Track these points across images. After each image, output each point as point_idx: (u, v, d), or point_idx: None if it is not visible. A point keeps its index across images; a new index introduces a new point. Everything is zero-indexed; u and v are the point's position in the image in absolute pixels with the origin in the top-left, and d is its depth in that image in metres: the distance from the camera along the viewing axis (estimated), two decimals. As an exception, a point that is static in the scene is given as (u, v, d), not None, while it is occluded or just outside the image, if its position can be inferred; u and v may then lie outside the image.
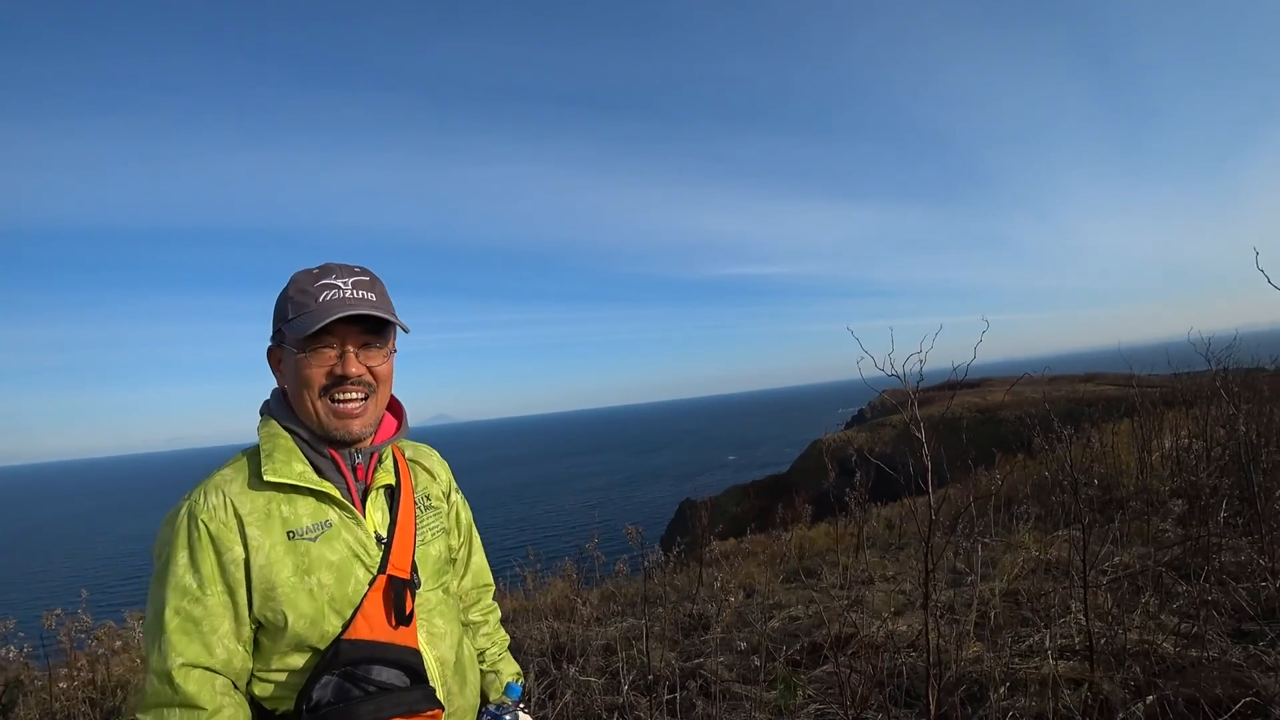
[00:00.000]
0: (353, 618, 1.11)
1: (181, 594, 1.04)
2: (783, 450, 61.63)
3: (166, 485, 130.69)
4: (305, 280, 1.13)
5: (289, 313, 1.12)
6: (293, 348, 1.11)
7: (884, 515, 7.52)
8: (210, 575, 1.05)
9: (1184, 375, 7.13)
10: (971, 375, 2.52)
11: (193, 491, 1.09)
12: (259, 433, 1.17)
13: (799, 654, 3.53)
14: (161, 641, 1.02)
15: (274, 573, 1.07)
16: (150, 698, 1.03)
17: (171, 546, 1.06)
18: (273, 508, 1.10)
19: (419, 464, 1.36)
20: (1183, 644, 2.82)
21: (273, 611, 1.07)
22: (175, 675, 1.01)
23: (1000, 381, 24.55)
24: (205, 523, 1.06)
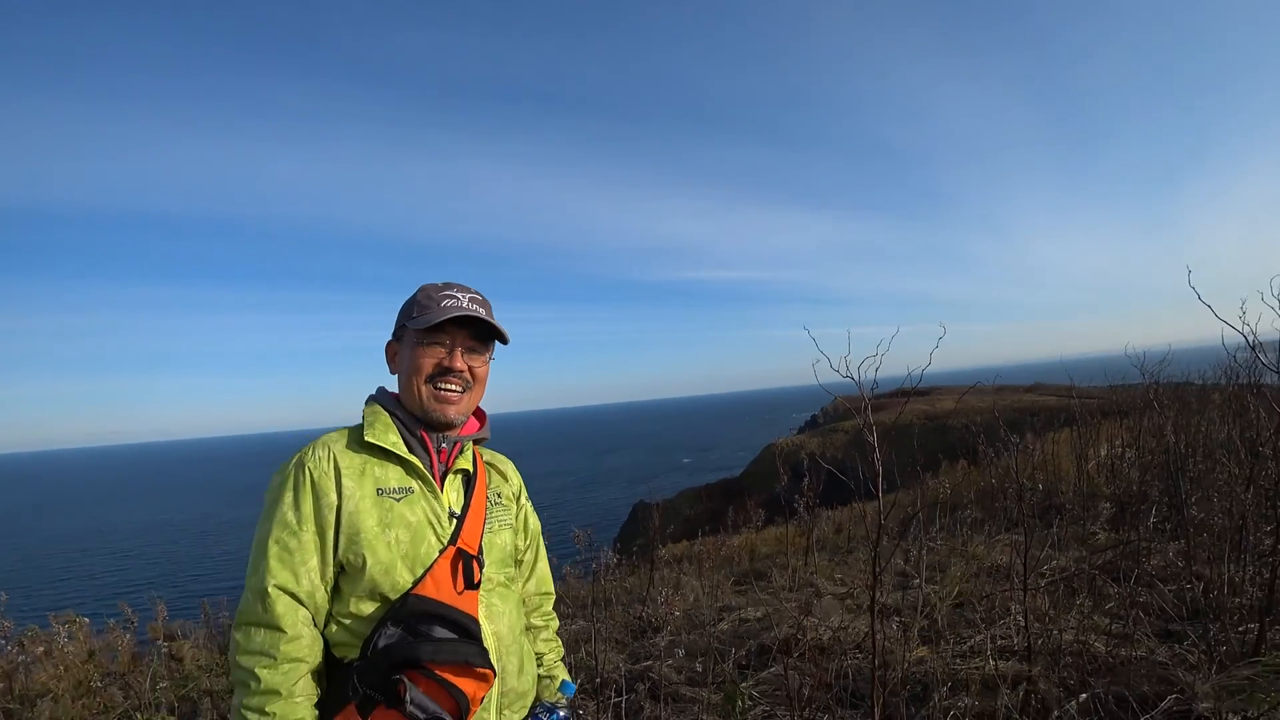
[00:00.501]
0: (423, 576, 1.27)
1: (282, 527, 1.23)
2: (736, 454, 62.16)
3: (99, 482, 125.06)
4: (431, 290, 1.39)
5: (414, 312, 1.37)
6: (412, 340, 1.36)
7: (834, 519, 7.65)
8: (307, 515, 1.24)
9: (1120, 387, 7.46)
10: (921, 384, 2.58)
11: (305, 447, 1.31)
12: (364, 410, 1.39)
13: (747, 656, 3.56)
14: (260, 565, 1.21)
15: (360, 520, 1.26)
16: (243, 614, 1.21)
17: (281, 489, 1.26)
18: (367, 467, 1.31)
19: (494, 466, 1.56)
20: (1114, 643, 2.94)
21: (354, 554, 1.24)
22: (268, 593, 1.19)
23: (949, 390, 25.24)
24: (310, 470, 1.26)
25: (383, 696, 1.18)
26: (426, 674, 1.19)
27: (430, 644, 1.21)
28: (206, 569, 35.42)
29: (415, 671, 1.19)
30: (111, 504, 78.10)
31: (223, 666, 4.54)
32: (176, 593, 20.61)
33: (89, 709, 3.73)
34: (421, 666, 1.19)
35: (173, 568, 36.35)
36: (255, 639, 1.18)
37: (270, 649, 1.17)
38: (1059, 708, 2.52)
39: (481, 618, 1.33)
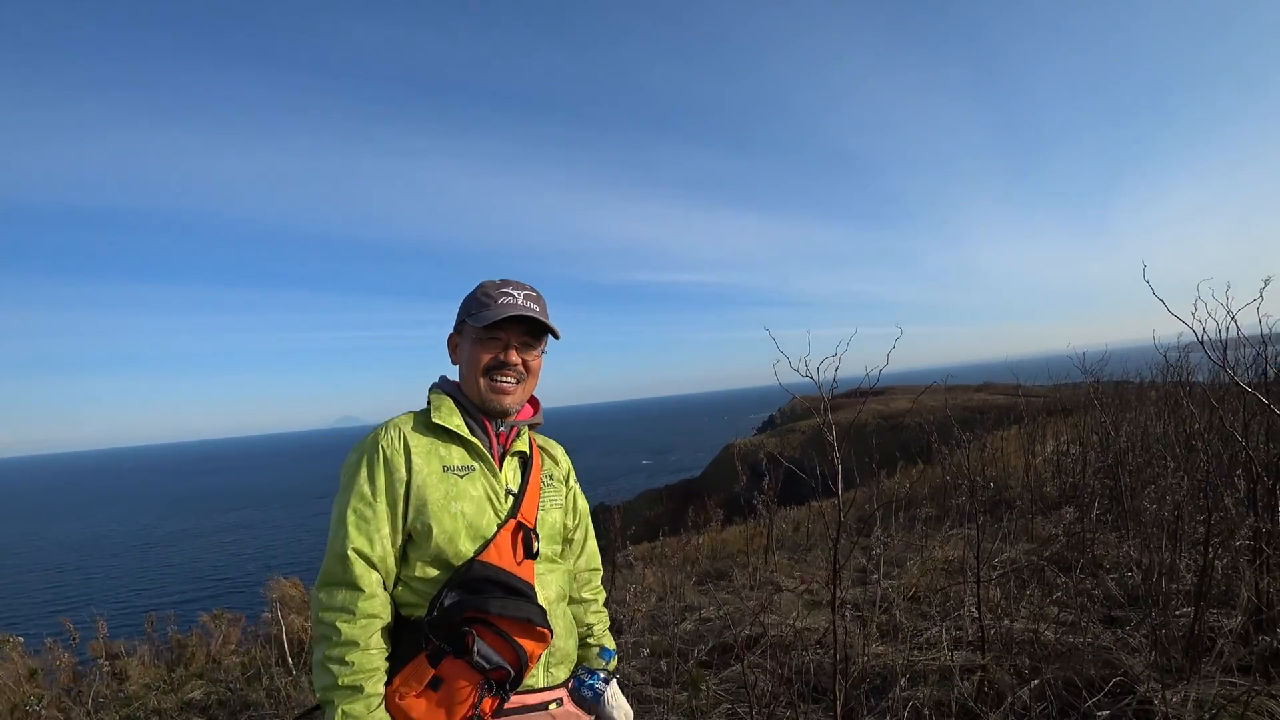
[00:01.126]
0: (486, 545, 1.42)
1: (359, 498, 1.38)
2: (696, 455, 62.48)
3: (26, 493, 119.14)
4: (490, 288, 1.52)
5: (473, 308, 1.50)
6: (471, 335, 1.50)
7: (792, 518, 7.76)
8: (380, 488, 1.39)
9: (1063, 386, 7.75)
10: (877, 385, 2.63)
11: (378, 427, 1.47)
12: (430, 396, 1.55)
13: (710, 655, 3.58)
14: (340, 531, 1.36)
15: (428, 493, 1.40)
16: (325, 575, 1.36)
17: (357, 465, 1.41)
18: (434, 447, 1.46)
19: (546, 450, 1.70)
20: (1062, 631, 3.05)
21: (422, 523, 1.39)
22: (348, 556, 1.34)
23: (903, 390, 25.76)
24: (384, 448, 1.41)
25: (451, 647, 1.33)
26: (492, 629, 1.35)
27: (497, 600, 1.36)
28: (149, 583, 34.05)
29: (482, 626, 1.34)
30: (43, 516, 74.39)
31: (169, 684, 4.38)
32: (118, 608, 19.71)
33: (26, 732, 3.56)
34: (487, 622, 1.34)
35: (112, 582, 34.86)
36: (336, 597, 1.33)
37: (350, 605, 1.32)
38: (1012, 694, 2.61)
39: (535, 584, 1.47)
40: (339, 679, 1.28)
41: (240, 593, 22.39)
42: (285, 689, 3.92)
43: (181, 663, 4.90)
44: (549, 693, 1.49)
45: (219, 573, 35.55)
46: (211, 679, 4.38)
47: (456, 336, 1.58)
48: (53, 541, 53.99)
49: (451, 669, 1.33)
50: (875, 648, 3.20)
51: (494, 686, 1.35)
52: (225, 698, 4.01)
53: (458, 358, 1.58)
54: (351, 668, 1.29)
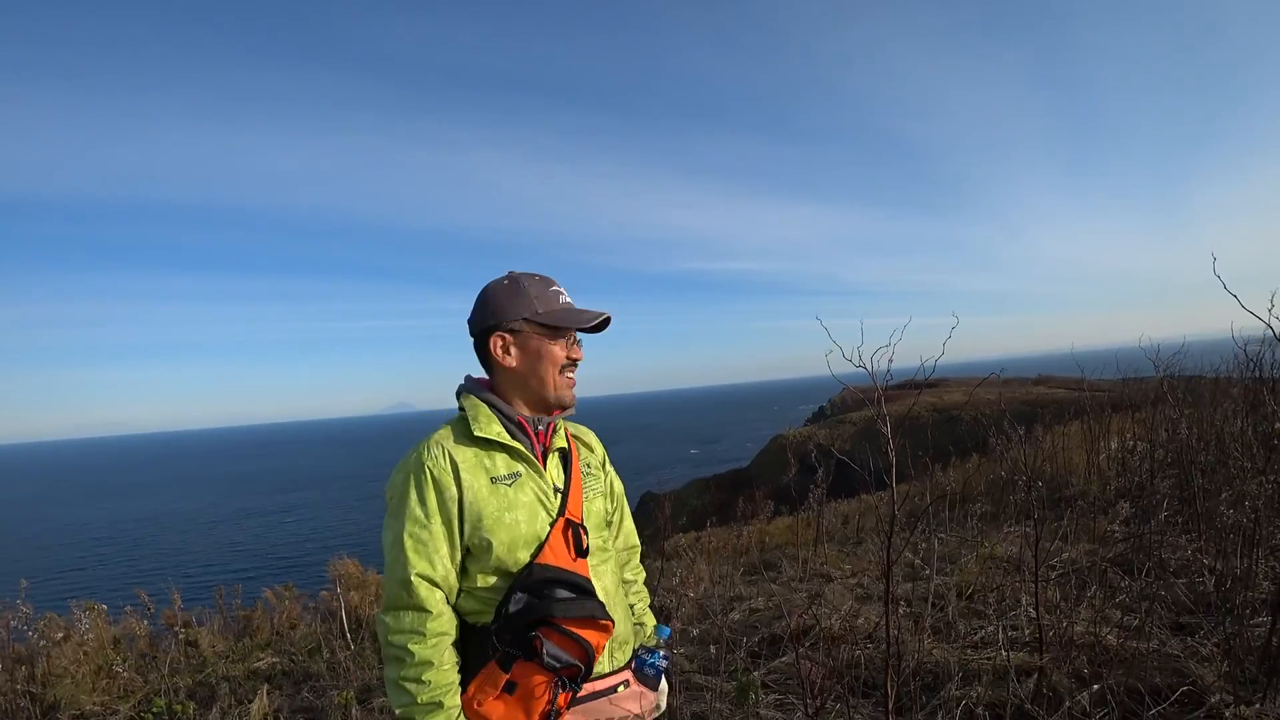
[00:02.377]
0: (540, 548, 1.43)
1: (413, 522, 1.37)
2: (743, 445, 62.14)
3: (103, 473, 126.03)
4: (538, 285, 1.50)
5: (537, 307, 1.48)
6: (545, 336, 1.48)
7: (842, 511, 7.66)
8: (433, 509, 1.38)
9: (1132, 380, 7.39)
10: (929, 376, 2.57)
11: (419, 446, 1.43)
12: (462, 403, 1.51)
13: (760, 645, 3.58)
14: (400, 558, 1.35)
15: (481, 508, 1.40)
16: (390, 601, 1.37)
17: (405, 488, 1.39)
18: (478, 459, 1.44)
19: (580, 439, 1.70)
20: (1126, 636, 2.94)
21: (479, 539, 1.40)
22: (411, 581, 1.34)
23: (957, 382, 25.12)
24: (430, 468, 1.39)
25: (520, 651, 1.36)
26: (558, 629, 1.37)
27: (561, 604, 1.39)
28: (214, 558, 35.81)
29: (547, 628, 1.36)
30: (116, 495, 78.83)
31: (237, 653, 4.60)
32: (188, 581, 20.85)
33: (109, 692, 3.80)
34: (552, 623, 1.37)
35: (181, 557, 36.73)
36: (404, 620, 1.34)
37: (419, 627, 1.34)
38: (1070, 698, 2.53)
39: (591, 577, 1.50)
40: (418, 698, 1.31)
41: (298, 570, 23.31)
42: (345, 662, 4.08)
43: (248, 634, 5.14)
44: (615, 676, 1.54)
45: (278, 550, 37.11)
46: (276, 650, 4.58)
47: (508, 336, 1.49)
48: (127, 518, 57.19)
49: (524, 671, 1.37)
50: (928, 644, 3.15)
51: (566, 682, 1.39)
52: (289, 668, 4.20)
53: (510, 357, 1.49)
54: (429, 686, 1.32)
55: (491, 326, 1.49)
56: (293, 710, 3.55)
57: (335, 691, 3.61)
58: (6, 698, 3.57)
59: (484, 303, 1.51)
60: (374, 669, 4.02)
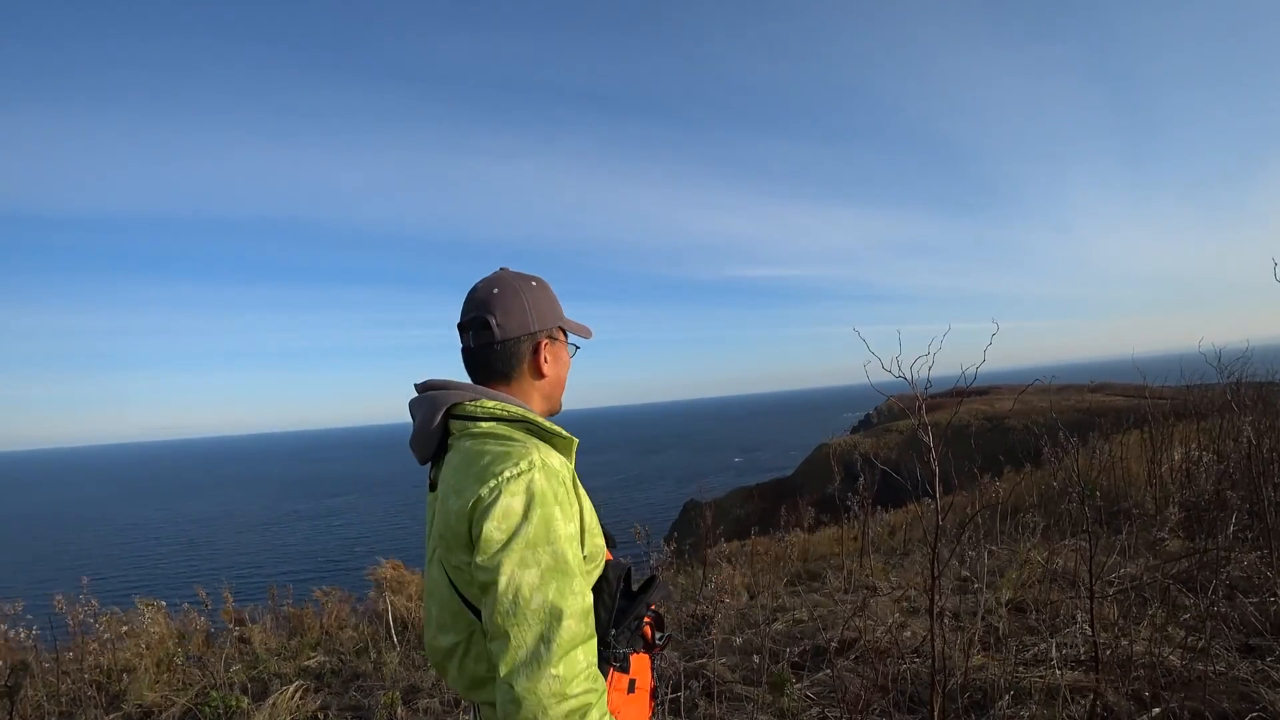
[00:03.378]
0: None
1: (571, 541, 1.16)
2: (787, 454, 61.43)
3: (160, 475, 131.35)
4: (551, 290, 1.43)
5: (562, 314, 1.42)
6: (567, 345, 1.44)
7: (888, 521, 7.50)
8: (576, 524, 1.21)
9: (1195, 387, 7.06)
10: (979, 383, 2.51)
11: (530, 457, 1.19)
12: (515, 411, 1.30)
13: (803, 657, 3.53)
14: (575, 584, 1.13)
15: (591, 516, 1.28)
16: (565, 643, 1.08)
17: (544, 506, 1.15)
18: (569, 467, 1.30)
19: None
20: (1189, 657, 2.81)
21: (596, 547, 1.27)
22: (590, 611, 1.16)
23: (1007, 389, 24.41)
24: (564, 479, 1.22)
25: (631, 647, 1.30)
26: (650, 612, 1.37)
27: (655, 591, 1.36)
28: (266, 558, 36.95)
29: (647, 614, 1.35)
30: (172, 496, 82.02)
31: (289, 651, 4.73)
32: (242, 581, 21.58)
33: (169, 685, 3.95)
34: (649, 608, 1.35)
35: (235, 557, 37.99)
36: (580, 661, 1.10)
37: (593, 658, 1.14)
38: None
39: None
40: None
41: (345, 572, 23.87)
42: (391, 663, 4.17)
43: (298, 633, 5.28)
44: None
45: (327, 552, 38.10)
46: (325, 649, 4.70)
47: (546, 340, 1.39)
48: (183, 518, 59.46)
49: (636, 664, 1.32)
50: (976, 660, 3.06)
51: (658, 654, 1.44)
52: (337, 667, 4.30)
53: (548, 365, 1.40)
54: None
55: (536, 332, 1.37)
56: (340, 708, 3.64)
57: (382, 691, 3.68)
58: (76, 686, 3.74)
59: (519, 305, 1.35)
60: (419, 670, 4.09)
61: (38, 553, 44.62)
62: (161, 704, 3.73)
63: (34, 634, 3.98)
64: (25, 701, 3.52)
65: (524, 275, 1.40)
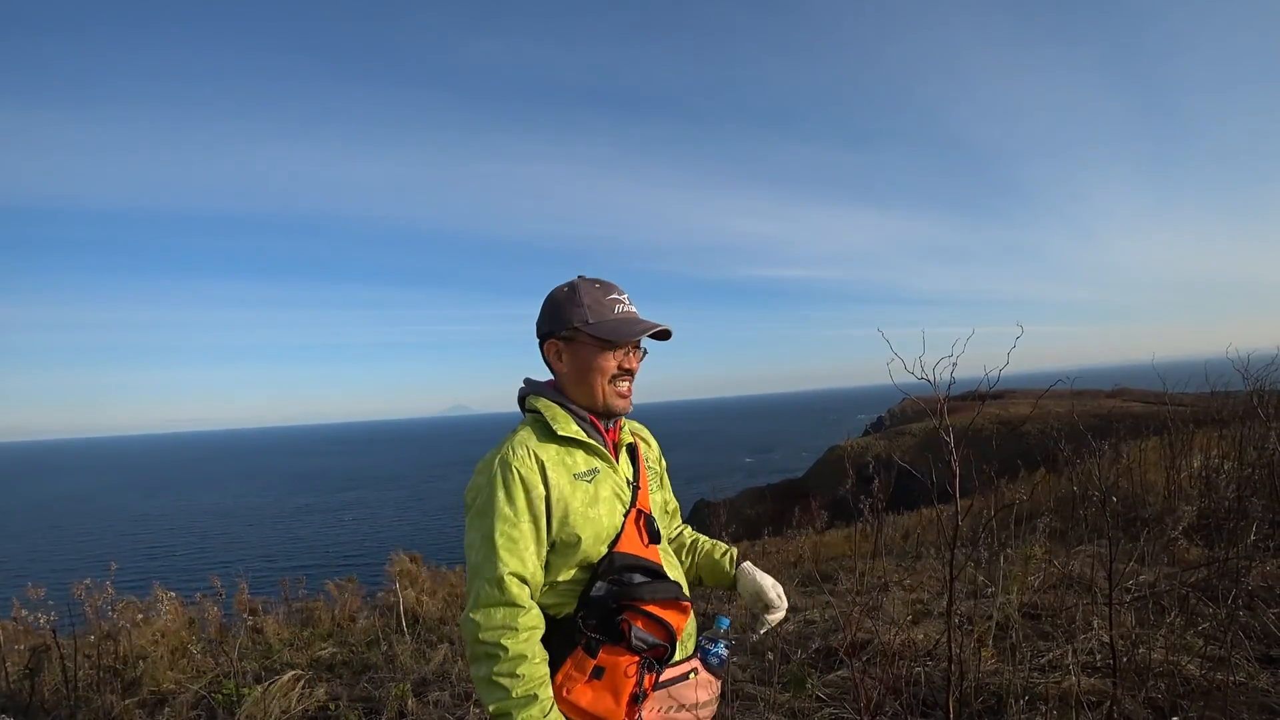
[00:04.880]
0: (618, 538, 1.48)
1: (503, 520, 1.38)
2: (799, 455, 61.22)
3: (176, 466, 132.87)
4: (595, 292, 1.54)
5: (588, 316, 1.50)
6: (593, 346, 1.51)
7: (901, 525, 7.45)
8: (521, 507, 1.39)
9: (1219, 394, 6.93)
10: (995, 387, 2.48)
11: (501, 447, 1.46)
12: (536, 405, 1.54)
13: (815, 657, 3.51)
14: (492, 556, 1.36)
15: (568, 504, 1.43)
16: (481, 599, 1.35)
17: (492, 487, 1.41)
18: (560, 457, 1.47)
19: (639, 435, 1.77)
20: (1208, 666, 2.76)
21: (568, 534, 1.43)
22: (504, 579, 1.35)
23: (1024, 393, 24.18)
24: (517, 468, 1.41)
25: (607, 636, 1.41)
26: (643, 613, 1.43)
27: (644, 586, 1.46)
28: (278, 550, 37.30)
29: (633, 611, 1.42)
30: (187, 488, 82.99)
31: (301, 641, 4.76)
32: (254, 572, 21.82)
33: (184, 672, 3.99)
34: (637, 607, 1.42)
35: (248, 549, 38.36)
36: (496, 617, 1.34)
37: (511, 622, 1.34)
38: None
39: (662, 563, 1.55)
40: (513, 692, 1.32)
41: (355, 566, 24.04)
42: (402, 655, 4.19)
43: (311, 624, 5.33)
44: (686, 664, 1.57)
45: (338, 545, 38.42)
46: (337, 641, 4.73)
47: (560, 343, 1.55)
48: (196, 510, 60.13)
49: (611, 655, 1.40)
50: (990, 664, 3.03)
51: (653, 664, 1.44)
52: (349, 658, 4.33)
53: (562, 364, 1.56)
54: (524, 679, 1.32)
55: (548, 332, 1.56)
56: (351, 699, 3.66)
57: (393, 683, 3.70)
58: (94, 671, 3.79)
59: (545, 308, 1.57)
60: (430, 663, 4.11)
61: (56, 540, 45.34)
62: (176, 690, 3.77)
63: (53, 619, 4.03)
64: (44, 685, 3.57)
65: (575, 280, 1.57)
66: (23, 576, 4.48)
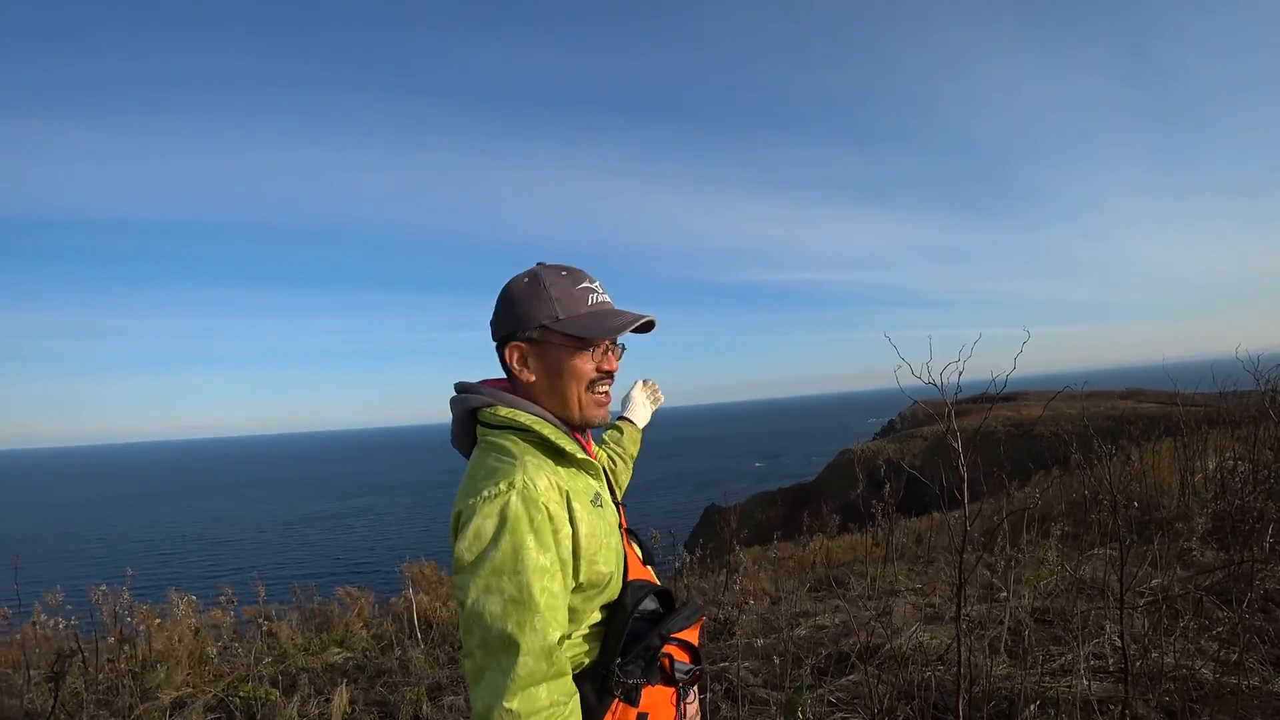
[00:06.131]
0: (625, 565, 1.29)
1: (540, 574, 1.07)
2: (809, 460, 60.97)
3: (188, 473, 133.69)
4: (564, 282, 1.25)
5: (557, 311, 1.22)
6: (567, 346, 1.24)
7: (912, 529, 7.42)
8: (553, 554, 1.11)
9: (1231, 395, 6.88)
10: (1007, 389, 2.49)
11: (511, 478, 1.11)
12: (518, 419, 1.20)
13: (825, 662, 3.51)
14: (535, 621, 1.05)
15: (594, 539, 1.18)
16: (522, 679, 1.03)
17: (516, 534, 1.07)
18: (572, 479, 1.21)
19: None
20: (1222, 671, 2.76)
21: (597, 574, 1.19)
22: (554, 648, 1.07)
23: (1035, 395, 23.98)
24: (545, 505, 1.11)
25: (646, 678, 1.22)
26: (674, 641, 1.27)
27: (675, 618, 1.27)
28: (288, 557, 37.53)
29: (668, 644, 1.26)
30: (198, 494, 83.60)
31: (316, 646, 4.80)
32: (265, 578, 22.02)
33: (201, 676, 4.04)
34: (669, 638, 1.26)
35: (258, 556, 38.57)
36: (540, 698, 1.04)
37: (559, 697, 1.07)
38: (1160, 733, 2.40)
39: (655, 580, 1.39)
40: None
41: (366, 572, 24.13)
42: (416, 660, 4.22)
43: (324, 630, 5.36)
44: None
45: (348, 552, 38.60)
46: (350, 646, 4.77)
47: (525, 345, 1.25)
48: (207, 516, 60.53)
49: (650, 698, 1.22)
50: (1001, 669, 3.03)
51: (686, 690, 1.31)
52: (362, 663, 4.36)
53: (529, 370, 1.26)
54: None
55: (508, 334, 1.26)
56: (367, 703, 3.69)
57: (407, 688, 3.73)
58: (112, 676, 3.84)
59: (502, 304, 1.27)
60: (444, 668, 4.14)
61: (71, 545, 45.72)
62: (193, 694, 3.82)
63: (74, 623, 4.08)
64: (64, 689, 3.62)
65: (527, 271, 1.29)
66: (38, 582, 4.54)
